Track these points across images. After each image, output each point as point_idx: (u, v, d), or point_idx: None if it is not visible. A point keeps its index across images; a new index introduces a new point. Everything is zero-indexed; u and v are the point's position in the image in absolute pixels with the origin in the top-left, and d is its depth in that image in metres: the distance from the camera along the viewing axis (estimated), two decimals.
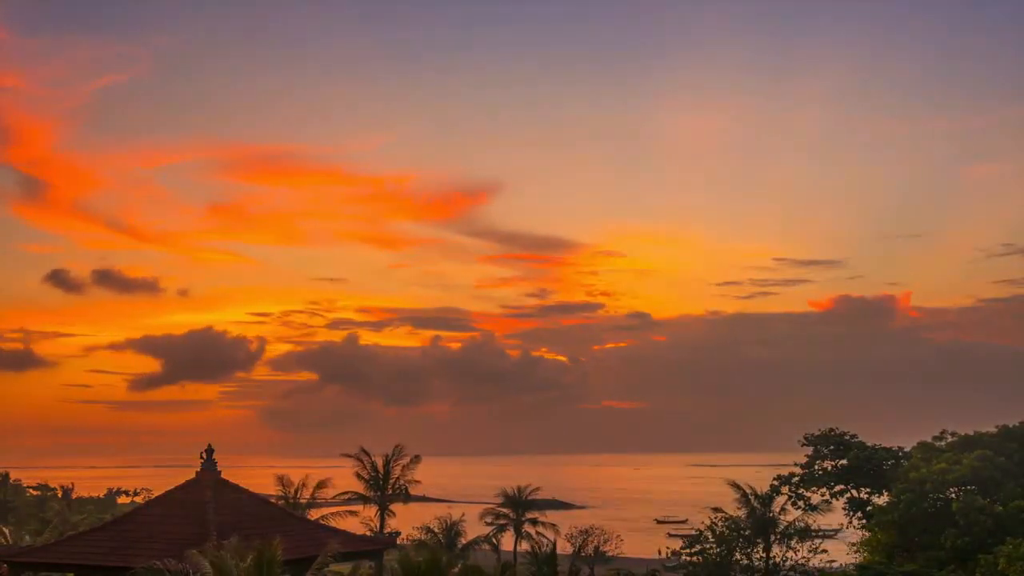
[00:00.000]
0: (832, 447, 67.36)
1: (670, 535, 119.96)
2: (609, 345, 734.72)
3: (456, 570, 54.78)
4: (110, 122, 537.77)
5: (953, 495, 56.01)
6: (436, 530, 73.36)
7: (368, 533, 66.02)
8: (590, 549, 79.17)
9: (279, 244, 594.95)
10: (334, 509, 64.24)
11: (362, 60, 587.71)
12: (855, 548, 64.95)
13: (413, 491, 75.84)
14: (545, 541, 75.63)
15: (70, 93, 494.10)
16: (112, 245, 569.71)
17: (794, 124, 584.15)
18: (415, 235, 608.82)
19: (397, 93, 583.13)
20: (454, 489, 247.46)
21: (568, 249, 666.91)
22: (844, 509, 66.25)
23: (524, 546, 76.56)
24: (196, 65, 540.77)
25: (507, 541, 78.40)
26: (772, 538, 62.89)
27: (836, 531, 69.34)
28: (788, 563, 62.72)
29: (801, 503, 65.43)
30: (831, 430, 68.11)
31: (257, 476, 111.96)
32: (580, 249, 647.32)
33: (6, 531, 65.06)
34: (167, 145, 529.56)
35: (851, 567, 59.72)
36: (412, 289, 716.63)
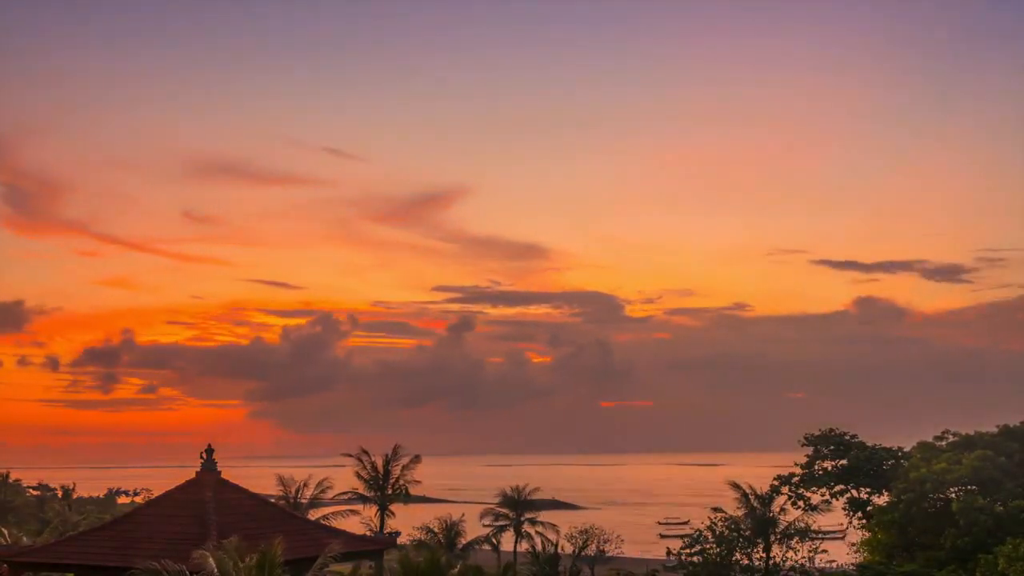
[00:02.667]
0: (832, 447, 67.24)
1: (663, 536, 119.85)
2: (596, 344, 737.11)
3: (456, 570, 54.70)
4: (85, 133, 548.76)
5: (953, 495, 55.94)
6: (436, 530, 73.39)
7: (368, 533, 65.99)
8: (591, 549, 79.19)
9: (251, 247, 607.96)
10: (334, 509, 64.20)
11: (330, 71, 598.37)
12: (855, 548, 64.92)
13: (413, 491, 75.80)
14: (543, 541, 75.64)
15: (44, 105, 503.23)
16: (98, 253, 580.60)
17: (766, 126, 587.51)
18: (386, 238, 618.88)
19: (365, 101, 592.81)
20: (454, 489, 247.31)
21: (546, 250, 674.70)
22: (844, 509, 66.18)
23: (524, 546, 76.55)
24: (169, 76, 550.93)
25: (507, 541, 78.38)
26: (772, 538, 62.80)
27: (838, 533, 69.32)
28: (788, 563, 62.62)
29: (801, 503, 65.35)
30: (831, 430, 68.00)
31: (257, 476, 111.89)
32: (557, 250, 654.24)
33: (6, 531, 65.00)
34: (140, 155, 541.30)
35: (851, 567, 59.72)
36: (385, 290, 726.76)
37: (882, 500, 63.25)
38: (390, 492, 73.23)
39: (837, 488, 66.03)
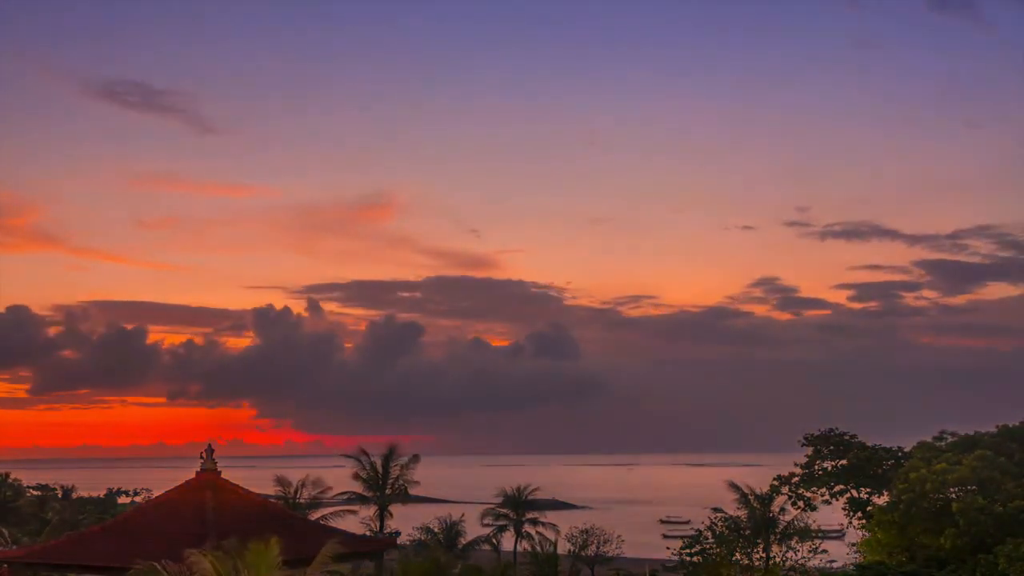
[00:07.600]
0: (832, 447, 67.26)
1: (665, 536, 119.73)
2: (588, 341, 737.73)
3: (456, 570, 54.78)
4: (47, 147, 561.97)
5: (953, 495, 55.91)
6: (436, 530, 73.38)
7: (368, 533, 66.04)
8: (591, 549, 79.16)
9: (212, 252, 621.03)
10: (334, 509, 64.22)
11: (277, 79, 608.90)
12: (855, 548, 64.90)
13: (413, 491, 75.78)
14: (544, 541, 75.61)
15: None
16: (80, 266, 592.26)
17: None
18: (339, 246, 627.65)
19: (309, 110, 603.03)
20: (454, 489, 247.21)
21: (502, 255, 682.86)
22: (844, 509, 66.19)
23: (524, 546, 76.52)
24: (131, 86, 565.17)
25: (507, 541, 78.34)
26: (772, 538, 62.82)
27: (839, 533, 69.32)
28: (788, 563, 62.65)
29: (801, 503, 65.37)
30: (831, 430, 68.01)
31: (257, 476, 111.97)
32: (516, 254, 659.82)
33: (6, 531, 65.06)
34: (100, 166, 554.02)
35: (851, 567, 59.67)
36: (335, 294, 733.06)
37: (882, 500, 63.24)
38: (389, 492, 73.22)
39: (837, 488, 66.05)
